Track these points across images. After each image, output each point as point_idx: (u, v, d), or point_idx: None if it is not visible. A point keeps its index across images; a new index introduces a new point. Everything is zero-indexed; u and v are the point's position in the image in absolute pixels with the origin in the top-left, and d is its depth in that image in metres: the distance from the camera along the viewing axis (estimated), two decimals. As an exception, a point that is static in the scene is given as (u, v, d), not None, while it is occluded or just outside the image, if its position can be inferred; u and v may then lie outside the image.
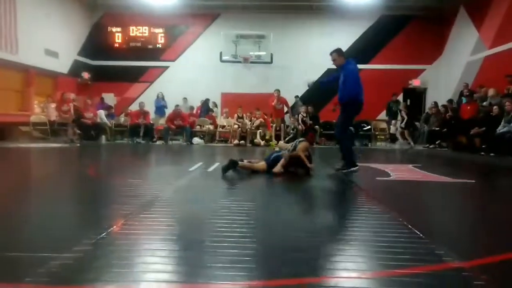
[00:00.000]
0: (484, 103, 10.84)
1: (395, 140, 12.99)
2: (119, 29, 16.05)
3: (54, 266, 1.81)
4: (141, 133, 12.84)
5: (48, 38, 13.24)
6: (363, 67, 14.90)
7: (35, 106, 13.12)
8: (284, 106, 13.25)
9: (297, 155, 5.18)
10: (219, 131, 13.49)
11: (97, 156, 8.99)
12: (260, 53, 14.76)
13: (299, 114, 12.95)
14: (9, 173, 5.57)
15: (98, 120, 12.99)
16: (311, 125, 12.67)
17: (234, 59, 14.73)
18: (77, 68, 15.15)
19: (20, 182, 4.77)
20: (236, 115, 13.45)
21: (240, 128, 12.66)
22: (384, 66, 15.48)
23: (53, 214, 3.00)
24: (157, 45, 16.09)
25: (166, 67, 16.24)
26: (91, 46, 15.90)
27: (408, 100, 15.78)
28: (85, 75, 15.37)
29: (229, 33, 14.54)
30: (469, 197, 4.18)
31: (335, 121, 6.45)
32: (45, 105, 13.06)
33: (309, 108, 13.13)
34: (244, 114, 13.49)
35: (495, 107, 9.66)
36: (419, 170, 6.01)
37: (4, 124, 11.49)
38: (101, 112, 13.28)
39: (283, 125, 12.89)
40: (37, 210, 3.19)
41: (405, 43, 15.50)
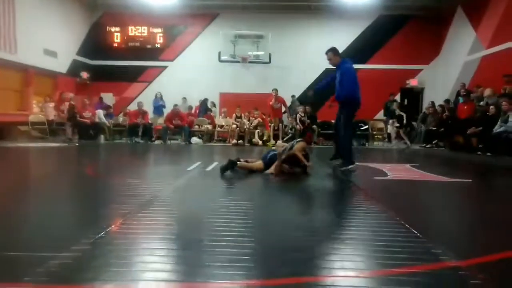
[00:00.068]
0: (481, 103, 10.87)
1: (396, 138, 12.99)
2: (118, 29, 16.05)
3: (53, 266, 1.82)
4: (140, 133, 12.83)
5: (47, 38, 13.22)
6: (361, 67, 14.97)
7: (34, 106, 13.11)
8: (282, 106, 13.29)
9: (294, 154, 5.20)
10: (218, 131, 13.49)
11: (96, 156, 8.98)
12: (259, 53, 14.78)
13: (297, 114, 12.96)
14: (8, 173, 5.56)
15: (97, 120, 12.98)
16: (309, 125, 12.67)
17: (233, 59, 14.75)
18: (76, 68, 15.13)
19: (19, 182, 4.76)
20: (235, 115, 13.44)
21: (238, 128, 12.67)
22: (382, 66, 15.52)
23: (52, 214, 3.00)
24: (156, 45, 16.10)
25: (165, 67, 16.23)
26: (90, 46, 15.88)
27: (406, 100, 15.85)
28: (84, 75, 15.36)
29: (228, 33, 14.55)
30: (466, 197, 4.20)
31: (334, 121, 6.51)
32: (43, 105, 13.05)
33: (307, 108, 13.14)
34: (243, 114, 13.49)
35: (492, 107, 9.70)
36: (416, 170, 6.02)
37: (3, 124, 11.48)
38: (100, 112, 13.27)
39: (281, 125, 12.91)
40: (36, 210, 3.19)
41: (403, 43, 15.54)
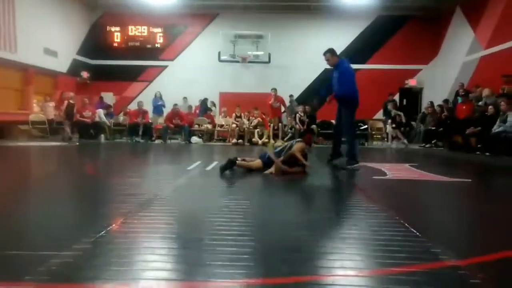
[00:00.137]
0: (480, 103, 10.88)
1: (393, 139, 13.00)
2: (118, 29, 16.06)
3: (54, 264, 1.82)
4: (140, 132, 12.84)
5: (47, 37, 13.22)
6: (360, 67, 15.02)
7: (34, 105, 13.11)
8: (281, 105, 13.29)
9: (293, 154, 5.21)
10: (218, 130, 13.49)
11: (96, 155, 8.98)
12: (258, 53, 14.78)
13: (297, 114, 12.97)
14: (9, 172, 5.57)
15: (97, 119, 12.98)
16: (309, 125, 12.65)
17: (233, 59, 14.76)
18: (76, 67, 15.13)
19: (20, 181, 4.77)
20: (234, 115, 13.45)
21: (238, 127, 12.68)
22: (381, 66, 15.54)
23: (53, 213, 3.01)
24: (156, 45, 16.11)
25: (165, 67, 16.24)
26: (90, 46, 15.89)
27: (405, 100, 15.87)
28: (84, 74, 15.36)
29: (228, 33, 14.55)
30: (465, 196, 4.21)
31: (334, 121, 6.57)
32: (43, 104, 13.04)
33: (307, 108, 13.14)
34: (242, 114, 13.50)
35: (491, 107, 9.71)
36: (416, 169, 6.02)
37: (4, 123, 11.48)
38: (100, 111, 13.26)
39: (281, 125, 12.91)
40: (37, 209, 3.20)
41: (402, 43, 15.56)
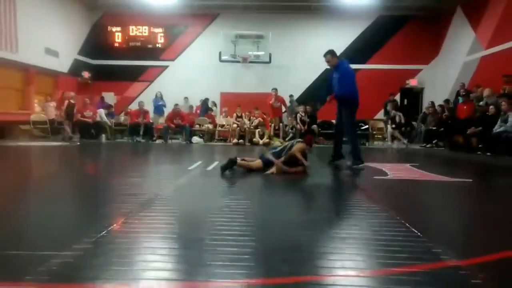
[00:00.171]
0: (481, 103, 10.86)
1: (393, 140, 12.99)
2: (119, 29, 16.07)
3: (55, 264, 1.82)
4: (141, 132, 12.85)
5: (48, 37, 13.23)
6: (361, 67, 15.01)
7: (35, 105, 13.12)
8: (282, 105, 13.28)
9: (293, 154, 5.20)
10: (218, 130, 13.49)
11: (97, 155, 8.99)
12: (259, 53, 14.77)
13: (298, 114, 12.96)
14: (10, 172, 5.57)
15: (98, 119, 12.99)
16: (310, 125, 12.63)
17: (233, 59, 14.74)
18: (77, 67, 15.14)
19: (21, 181, 4.77)
20: (235, 115, 13.45)
21: (239, 128, 12.67)
22: (382, 66, 15.52)
23: (54, 213, 3.01)
24: (157, 45, 16.12)
25: (166, 67, 16.24)
26: (91, 46, 15.90)
27: (406, 100, 15.86)
28: (85, 74, 15.36)
29: (228, 33, 14.54)
30: (466, 196, 4.20)
31: (334, 121, 6.60)
32: (44, 104, 13.05)
33: (308, 108, 13.13)
34: (243, 114, 13.50)
35: (491, 107, 9.69)
36: (417, 169, 6.02)
37: (5, 123, 11.49)
38: (101, 111, 13.28)
39: (282, 125, 12.90)
40: (37, 209, 3.20)
41: (402, 43, 15.54)
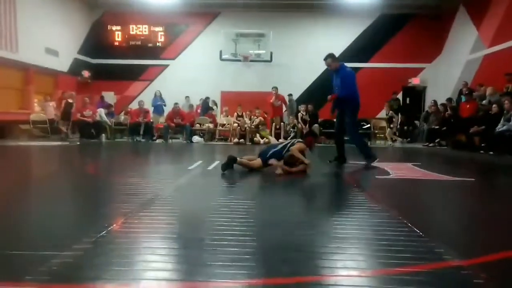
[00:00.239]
0: (483, 102, 10.83)
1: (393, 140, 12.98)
2: (119, 28, 16.05)
3: (55, 264, 1.81)
4: (141, 132, 12.84)
5: (48, 37, 13.23)
6: (363, 66, 14.99)
7: (35, 105, 13.12)
8: (283, 104, 13.25)
9: (292, 154, 5.18)
10: (219, 130, 13.48)
11: (97, 155, 8.99)
12: (260, 52, 14.74)
13: (299, 113, 12.95)
14: (9, 172, 5.57)
15: (98, 119, 12.99)
16: (311, 124, 12.60)
17: (234, 58, 14.72)
18: (77, 67, 15.14)
19: (20, 181, 4.77)
20: (236, 114, 13.44)
21: (240, 127, 12.66)
22: (384, 65, 15.48)
23: (54, 212, 3.00)
24: (157, 44, 16.10)
25: (166, 66, 16.23)
26: (91, 45, 15.89)
27: (408, 99, 15.83)
28: (85, 74, 15.36)
29: (229, 32, 14.51)
30: (469, 196, 4.18)
31: (335, 121, 6.65)
32: (43, 104, 13.04)
33: (309, 107, 13.11)
34: (244, 113, 13.48)
35: (494, 106, 9.66)
36: (419, 169, 6.00)
37: (4, 122, 11.49)
38: (101, 111, 13.26)
39: (283, 124, 12.88)
40: (38, 208, 3.19)
41: (405, 42, 15.49)
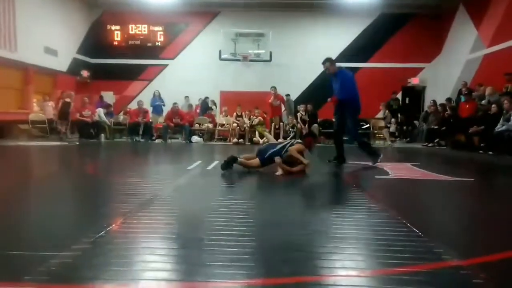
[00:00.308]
0: (483, 102, 10.83)
1: (395, 139, 12.99)
2: (118, 27, 16.03)
3: (53, 265, 1.81)
4: (141, 132, 12.83)
5: (47, 36, 13.21)
6: (362, 66, 14.99)
7: (34, 105, 13.10)
8: (282, 104, 13.24)
9: (290, 154, 5.17)
10: (218, 130, 13.47)
11: (96, 154, 8.98)
12: (259, 51, 14.74)
13: (298, 112, 12.94)
14: (8, 172, 5.56)
15: (97, 119, 12.97)
16: (311, 124, 12.59)
17: (233, 57, 14.72)
18: (76, 66, 15.12)
19: (19, 181, 4.76)
20: (235, 114, 13.43)
21: (239, 127, 12.65)
22: (383, 65, 15.47)
23: (52, 213, 2.99)
24: (156, 43, 16.08)
25: (165, 65, 16.21)
26: (90, 44, 15.87)
27: (407, 99, 15.83)
28: (84, 73, 15.34)
29: (229, 31, 14.50)
30: (468, 196, 4.18)
31: (334, 122, 6.69)
32: (42, 104, 13.02)
33: (308, 107, 13.11)
34: (243, 113, 13.47)
35: (494, 106, 9.66)
36: (418, 169, 6.00)
37: (3, 122, 11.46)
38: (100, 110, 13.23)
39: (282, 124, 12.87)
40: (36, 209, 3.19)
41: (404, 42, 15.48)
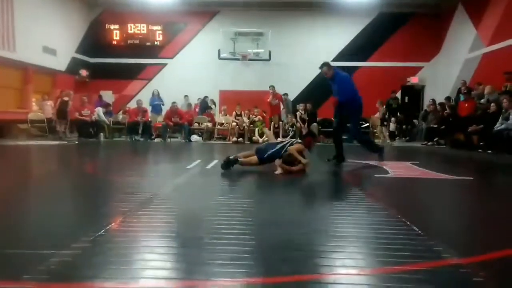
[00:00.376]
0: (482, 101, 10.84)
1: (394, 138, 13.01)
2: (117, 27, 16.03)
3: (53, 263, 1.80)
4: (140, 131, 12.82)
5: (46, 36, 13.20)
6: (362, 65, 14.99)
7: (33, 104, 13.09)
8: (280, 103, 13.25)
9: (289, 154, 5.16)
10: (217, 129, 13.48)
11: (96, 154, 8.97)
12: (259, 51, 14.76)
13: (298, 112, 12.94)
14: (8, 171, 5.55)
15: (96, 118, 12.96)
16: (310, 123, 12.60)
17: (233, 57, 14.73)
18: (75, 66, 15.11)
19: (19, 180, 4.75)
20: (234, 113, 13.43)
21: (238, 126, 12.65)
22: (382, 64, 15.48)
23: (52, 212, 2.99)
24: (155, 43, 16.08)
25: (164, 65, 16.21)
26: (89, 44, 15.86)
27: (406, 98, 15.84)
28: (83, 73, 15.33)
29: (228, 31, 14.51)
30: (467, 194, 4.19)
31: (333, 120, 6.76)
32: (41, 103, 13.01)
33: (308, 106, 13.11)
34: (242, 112, 13.47)
35: (493, 105, 9.67)
36: (417, 167, 6.00)
37: (2, 122, 11.46)
38: (99, 110, 13.24)
39: (282, 123, 12.87)
40: (36, 208, 3.18)
41: (403, 41, 15.50)
